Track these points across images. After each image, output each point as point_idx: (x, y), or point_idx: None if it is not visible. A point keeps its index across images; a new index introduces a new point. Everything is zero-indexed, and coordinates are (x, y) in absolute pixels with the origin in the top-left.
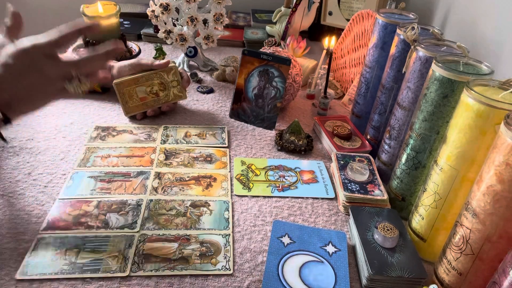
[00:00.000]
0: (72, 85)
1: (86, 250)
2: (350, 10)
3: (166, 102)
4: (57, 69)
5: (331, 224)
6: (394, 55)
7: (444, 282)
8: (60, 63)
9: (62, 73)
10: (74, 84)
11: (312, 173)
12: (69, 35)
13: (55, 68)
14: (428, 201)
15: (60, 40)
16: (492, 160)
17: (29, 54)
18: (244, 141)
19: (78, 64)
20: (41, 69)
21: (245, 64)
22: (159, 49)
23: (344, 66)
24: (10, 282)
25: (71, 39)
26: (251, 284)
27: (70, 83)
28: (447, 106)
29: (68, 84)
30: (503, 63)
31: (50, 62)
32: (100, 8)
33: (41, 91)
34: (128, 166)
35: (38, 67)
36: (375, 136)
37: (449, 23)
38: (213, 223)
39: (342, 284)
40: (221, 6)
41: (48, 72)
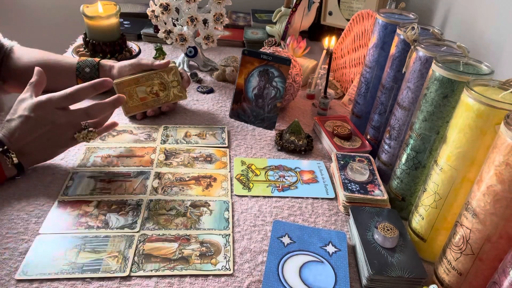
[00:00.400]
0: (81, 135)
1: (86, 250)
2: (350, 10)
3: (166, 102)
4: (67, 119)
5: (331, 224)
6: (394, 55)
7: (444, 282)
8: (70, 114)
9: (72, 123)
10: (82, 134)
11: (312, 173)
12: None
13: (65, 118)
14: (428, 201)
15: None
16: (492, 160)
17: (44, 107)
18: (244, 141)
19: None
20: (53, 120)
21: (245, 64)
22: (159, 49)
23: (344, 66)
24: (10, 282)
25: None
26: (251, 284)
27: (79, 133)
28: (447, 106)
29: (77, 134)
30: (503, 63)
31: (61, 113)
32: (100, 8)
33: (53, 140)
34: (128, 166)
35: (51, 118)
36: (375, 136)
37: (449, 23)
38: (213, 223)
39: (342, 284)
40: (221, 6)
41: (59, 122)
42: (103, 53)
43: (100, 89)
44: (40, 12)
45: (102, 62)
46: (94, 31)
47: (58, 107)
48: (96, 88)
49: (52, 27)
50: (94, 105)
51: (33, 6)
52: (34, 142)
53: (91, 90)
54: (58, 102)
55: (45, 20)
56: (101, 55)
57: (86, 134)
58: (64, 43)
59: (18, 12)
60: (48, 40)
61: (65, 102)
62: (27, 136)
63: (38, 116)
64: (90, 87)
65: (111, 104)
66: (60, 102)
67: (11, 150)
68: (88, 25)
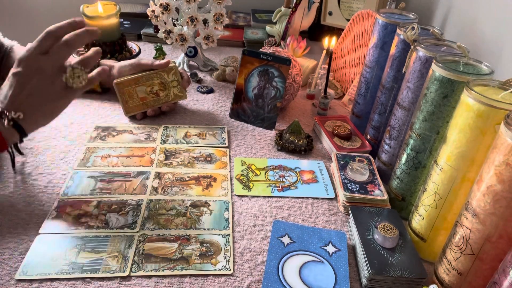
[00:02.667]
0: (67, 75)
1: (86, 250)
2: (350, 10)
3: (166, 102)
4: (50, 60)
5: (331, 224)
6: (394, 55)
7: (444, 282)
8: (51, 53)
9: (56, 64)
10: (68, 74)
11: (312, 173)
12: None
13: (49, 60)
14: (428, 201)
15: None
16: (492, 160)
17: (26, 57)
18: (244, 141)
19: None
20: (37, 67)
21: (245, 64)
22: (159, 49)
23: (344, 66)
24: (10, 282)
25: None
26: (251, 284)
27: (65, 73)
28: (447, 106)
29: (64, 77)
30: (503, 63)
31: (44, 57)
32: (100, 8)
33: (45, 92)
34: (128, 166)
35: (35, 65)
36: (375, 136)
37: (449, 23)
38: (213, 223)
39: (342, 284)
40: (221, 6)
41: (44, 66)
42: (103, 53)
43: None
44: (40, 12)
45: (102, 62)
46: None
47: (41, 52)
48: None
49: None
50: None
51: (33, 6)
52: (27, 98)
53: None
54: (39, 46)
55: (45, 20)
56: (101, 55)
57: (72, 72)
58: None
59: (18, 12)
60: None
61: (46, 44)
62: (18, 93)
63: (23, 67)
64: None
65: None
66: (41, 46)
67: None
68: (88, 25)
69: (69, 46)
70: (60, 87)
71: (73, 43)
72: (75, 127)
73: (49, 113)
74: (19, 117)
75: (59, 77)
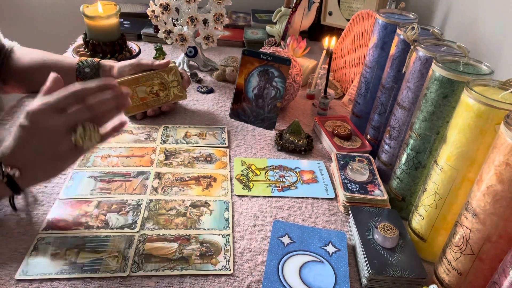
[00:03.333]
0: (77, 135)
1: (86, 250)
2: (350, 10)
3: (166, 102)
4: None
5: (331, 224)
6: (394, 55)
7: (444, 282)
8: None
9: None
10: (78, 133)
11: (312, 173)
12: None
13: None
14: (428, 201)
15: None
16: (492, 160)
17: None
18: (244, 141)
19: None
20: (48, 126)
21: (245, 64)
22: (159, 49)
23: (344, 66)
24: (10, 282)
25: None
26: (251, 284)
27: (75, 133)
28: (447, 106)
29: (74, 135)
30: (503, 63)
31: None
32: (100, 8)
33: (51, 150)
34: (128, 166)
35: (46, 124)
36: (375, 136)
37: (449, 23)
38: (213, 223)
39: (342, 284)
40: (221, 6)
41: (55, 125)
42: (103, 53)
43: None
44: (40, 12)
45: (102, 62)
46: (94, 31)
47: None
48: (102, 88)
49: (52, 27)
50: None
51: (33, 6)
52: (29, 155)
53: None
54: (56, 104)
55: (45, 20)
56: (101, 55)
57: (83, 132)
58: (64, 43)
59: (18, 12)
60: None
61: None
62: (20, 148)
63: (31, 122)
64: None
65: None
66: (58, 103)
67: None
68: (88, 25)
69: (92, 111)
70: (68, 146)
71: (98, 109)
72: None
73: (51, 172)
74: (14, 174)
75: (69, 136)
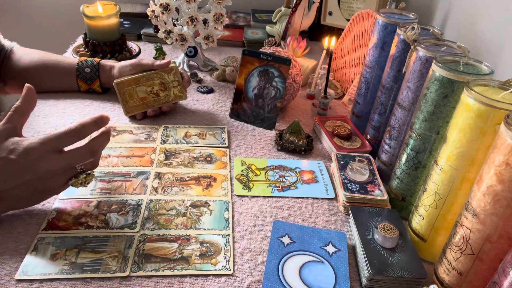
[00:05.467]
0: (79, 180)
1: (86, 250)
2: (350, 10)
3: (166, 102)
4: (65, 163)
5: (331, 224)
6: (394, 55)
7: (444, 282)
8: (69, 156)
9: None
10: (81, 179)
11: (312, 173)
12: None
13: (63, 162)
14: (428, 201)
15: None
16: (492, 160)
17: (37, 152)
18: (244, 141)
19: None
20: (47, 168)
21: (245, 64)
22: (159, 49)
23: (344, 66)
24: (10, 282)
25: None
26: (251, 284)
27: (76, 178)
28: (447, 106)
29: (74, 180)
30: (503, 63)
31: (56, 158)
32: (100, 8)
33: (41, 187)
34: (128, 166)
35: (44, 165)
36: (375, 136)
37: (449, 23)
38: (213, 223)
39: (342, 284)
40: (221, 6)
41: (54, 168)
42: (103, 53)
43: (101, 124)
44: (40, 12)
45: (102, 62)
46: (94, 31)
47: (56, 150)
48: (98, 123)
49: (52, 27)
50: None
51: (33, 7)
52: (15, 189)
53: (93, 126)
54: (58, 143)
55: (45, 20)
56: (101, 55)
57: (85, 178)
58: (64, 43)
59: (18, 12)
60: (48, 40)
61: (66, 142)
62: (8, 182)
63: (27, 162)
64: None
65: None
66: (60, 142)
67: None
68: (88, 25)
69: (94, 153)
70: (61, 184)
71: (97, 151)
72: None
73: (32, 203)
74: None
75: (65, 176)
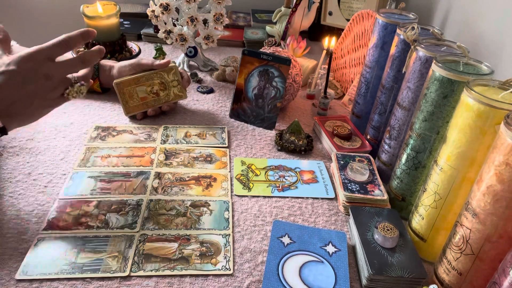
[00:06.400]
0: (74, 89)
1: (86, 250)
2: (350, 10)
3: (166, 102)
4: (62, 70)
5: (331, 224)
6: (394, 55)
7: (444, 282)
8: (64, 64)
9: (65, 75)
10: (76, 89)
11: (312, 173)
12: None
13: (60, 69)
14: (428, 201)
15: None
16: (492, 160)
17: (35, 58)
18: (244, 141)
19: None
20: (46, 73)
21: (245, 64)
22: (159, 49)
23: (344, 66)
24: (10, 282)
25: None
26: (251, 284)
27: (71, 87)
28: (447, 106)
29: (69, 89)
30: (503, 63)
31: (54, 65)
32: (99, 8)
33: (42, 97)
34: (128, 166)
35: (44, 70)
36: (375, 136)
37: (449, 23)
38: (213, 223)
39: (342, 284)
40: (221, 6)
41: (53, 74)
42: None
43: (87, 38)
44: (40, 12)
45: (102, 62)
46: None
47: (50, 58)
48: (84, 36)
49: (52, 27)
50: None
51: (33, 6)
52: (21, 101)
53: (80, 38)
54: (50, 52)
55: (45, 20)
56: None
57: (79, 88)
58: None
59: (18, 12)
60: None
61: (57, 51)
62: (14, 94)
63: (28, 69)
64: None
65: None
66: (52, 51)
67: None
68: (88, 25)
69: (85, 63)
70: (57, 96)
71: (89, 61)
72: (75, 127)
73: (35, 117)
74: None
75: (61, 87)
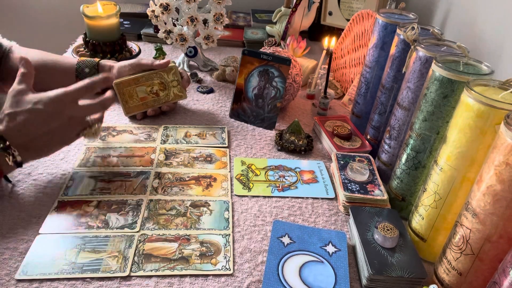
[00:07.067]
0: (91, 131)
1: (86, 250)
2: (350, 10)
3: (166, 102)
4: (83, 113)
5: (331, 224)
6: (394, 55)
7: (444, 282)
8: (86, 107)
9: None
10: (93, 130)
11: (312, 173)
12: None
13: (82, 112)
14: (428, 201)
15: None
16: (492, 160)
17: (61, 100)
18: (244, 141)
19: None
20: (71, 115)
21: (245, 64)
22: (159, 49)
23: (344, 66)
24: (10, 282)
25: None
26: (251, 284)
27: (90, 128)
28: (447, 106)
29: (87, 130)
30: (503, 63)
31: (78, 107)
32: (99, 8)
33: (60, 136)
34: (128, 166)
35: (68, 112)
36: (375, 136)
37: (449, 23)
38: (213, 223)
39: (342, 284)
40: (221, 6)
41: (76, 115)
42: (103, 53)
43: (107, 83)
44: (40, 12)
45: (102, 62)
46: (94, 31)
47: (75, 101)
48: (105, 81)
49: (52, 27)
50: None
51: (33, 6)
52: (41, 137)
53: (101, 83)
54: (77, 95)
55: (45, 20)
56: (101, 55)
57: (96, 130)
58: (64, 43)
59: (18, 12)
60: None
61: (81, 95)
62: (36, 130)
63: (54, 110)
64: (101, 80)
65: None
66: (78, 94)
67: (13, 147)
68: (88, 25)
69: (104, 107)
70: (75, 134)
71: (108, 106)
72: None
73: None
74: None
75: (79, 127)
